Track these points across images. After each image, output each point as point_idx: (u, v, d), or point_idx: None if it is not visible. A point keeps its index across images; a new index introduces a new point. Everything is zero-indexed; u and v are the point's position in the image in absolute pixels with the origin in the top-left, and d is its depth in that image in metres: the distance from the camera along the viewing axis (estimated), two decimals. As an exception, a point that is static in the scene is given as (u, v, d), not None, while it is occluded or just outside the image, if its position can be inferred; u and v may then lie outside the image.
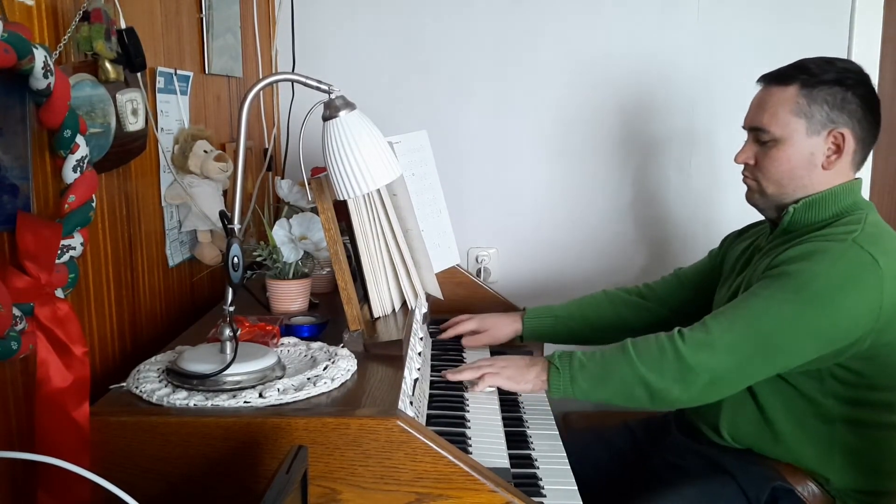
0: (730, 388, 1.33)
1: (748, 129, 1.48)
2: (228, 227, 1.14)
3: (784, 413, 1.38)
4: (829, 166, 1.40)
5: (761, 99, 1.45)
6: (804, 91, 1.39)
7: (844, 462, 1.37)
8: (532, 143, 2.23)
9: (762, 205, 1.49)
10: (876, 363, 1.33)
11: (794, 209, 1.41)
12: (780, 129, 1.40)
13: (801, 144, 1.40)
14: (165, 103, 1.49)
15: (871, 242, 1.31)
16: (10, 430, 0.98)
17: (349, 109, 1.18)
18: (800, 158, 1.40)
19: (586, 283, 2.28)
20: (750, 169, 1.47)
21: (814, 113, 1.39)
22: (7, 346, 0.87)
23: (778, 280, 1.32)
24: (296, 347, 1.32)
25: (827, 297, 1.28)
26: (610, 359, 1.36)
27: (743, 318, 1.30)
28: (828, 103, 1.38)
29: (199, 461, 1.03)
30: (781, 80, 1.42)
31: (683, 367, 1.29)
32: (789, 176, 1.41)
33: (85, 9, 1.12)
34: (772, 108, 1.42)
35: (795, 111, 1.39)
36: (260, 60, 2.05)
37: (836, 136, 1.39)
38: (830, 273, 1.29)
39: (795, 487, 1.37)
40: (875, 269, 1.28)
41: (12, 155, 0.96)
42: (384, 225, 1.46)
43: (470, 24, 2.18)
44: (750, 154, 1.46)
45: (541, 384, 1.41)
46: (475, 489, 1.02)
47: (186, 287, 1.62)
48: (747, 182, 1.50)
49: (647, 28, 2.17)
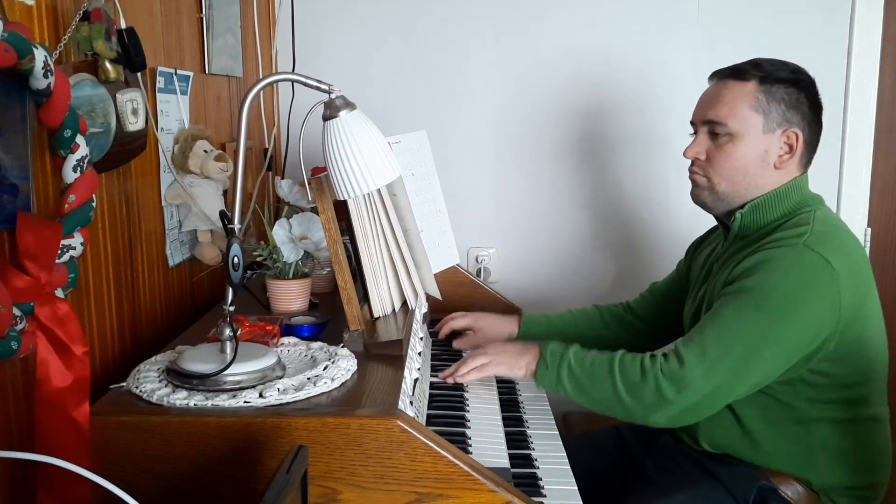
0: (708, 412, 1.32)
1: (701, 123, 1.45)
2: (228, 227, 1.14)
3: (760, 421, 1.38)
4: (781, 166, 1.40)
5: (717, 92, 1.43)
6: (763, 87, 1.38)
7: (827, 461, 1.37)
8: (532, 143, 2.23)
9: (710, 203, 1.47)
10: (845, 362, 1.33)
11: (742, 214, 1.41)
12: (738, 123, 1.39)
13: (756, 141, 1.39)
14: (165, 103, 1.49)
15: (821, 243, 1.30)
16: (10, 430, 0.98)
17: (349, 109, 1.18)
18: (754, 155, 1.39)
19: (587, 283, 2.28)
20: (700, 165, 1.45)
21: (771, 110, 1.38)
22: (7, 346, 0.87)
23: (738, 298, 1.31)
24: (296, 347, 1.32)
25: (788, 307, 1.27)
26: (597, 369, 1.35)
27: (712, 344, 1.29)
28: (784, 102, 1.38)
29: (199, 461, 1.03)
30: (739, 76, 1.41)
31: (661, 397, 1.28)
32: (742, 173, 1.40)
33: (85, 9, 1.12)
34: (730, 101, 1.40)
35: (754, 106, 1.38)
36: (260, 60, 2.05)
37: (790, 135, 1.39)
38: (787, 282, 1.28)
39: (779, 487, 1.37)
40: (829, 270, 1.28)
41: (12, 155, 0.96)
42: (384, 225, 1.46)
43: (470, 24, 2.18)
44: (702, 149, 1.44)
45: (530, 372, 1.42)
46: (475, 489, 1.02)
47: (186, 287, 1.62)
48: (696, 178, 1.47)
49: (648, 28, 2.16)
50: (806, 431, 1.37)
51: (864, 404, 1.37)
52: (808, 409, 1.36)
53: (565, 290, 2.29)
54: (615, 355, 1.35)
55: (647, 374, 1.30)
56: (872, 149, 2.19)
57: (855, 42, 2.14)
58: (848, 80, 2.16)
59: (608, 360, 1.35)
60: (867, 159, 2.19)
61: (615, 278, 2.27)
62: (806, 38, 2.14)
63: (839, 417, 1.36)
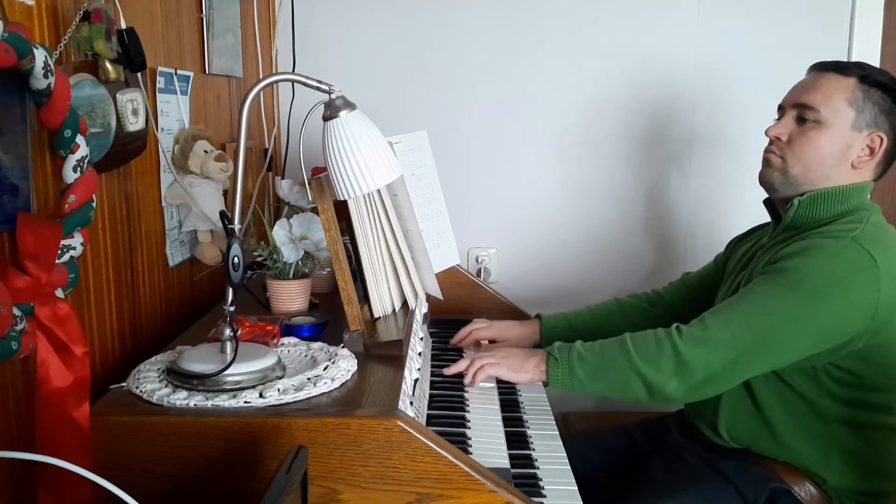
0: (726, 384, 1.33)
1: (790, 107, 1.45)
2: (228, 227, 1.14)
3: (782, 412, 1.38)
4: (858, 165, 1.40)
5: (815, 80, 1.43)
6: (862, 86, 1.39)
7: (842, 462, 1.37)
8: (532, 143, 2.23)
9: (777, 184, 1.45)
10: (871, 364, 1.33)
11: (800, 202, 1.40)
12: (830, 112, 1.39)
13: (842, 134, 1.39)
14: (166, 103, 1.49)
15: (870, 241, 1.31)
16: (10, 430, 0.98)
17: (349, 109, 1.18)
18: (836, 147, 1.39)
19: (587, 283, 2.28)
20: (779, 145, 1.44)
21: (864, 109, 1.38)
22: (7, 346, 0.87)
23: (775, 276, 1.32)
24: (296, 347, 1.32)
25: (823, 294, 1.28)
26: (608, 352, 1.36)
27: (739, 314, 1.31)
28: (878, 105, 1.39)
29: (199, 461, 1.03)
30: (841, 70, 1.42)
31: (679, 362, 1.29)
32: (819, 161, 1.40)
33: (85, 9, 1.12)
34: (827, 90, 1.40)
35: (850, 101, 1.39)
36: (260, 60, 2.05)
37: (875, 138, 1.39)
38: (827, 269, 1.29)
39: (793, 487, 1.37)
40: (872, 267, 1.28)
41: (12, 155, 0.96)
42: (384, 225, 1.46)
43: (470, 24, 2.18)
44: (785, 130, 1.44)
45: (540, 374, 1.41)
46: (475, 489, 1.02)
47: (186, 287, 1.62)
48: (771, 157, 1.45)
49: (648, 29, 2.17)
50: (826, 429, 1.37)
51: (883, 411, 1.37)
52: (829, 406, 1.36)
53: (565, 289, 2.29)
54: (624, 335, 1.36)
55: (662, 342, 1.31)
56: (872, 149, 2.18)
57: (855, 42, 2.14)
58: (848, 81, 2.16)
59: (618, 340, 1.36)
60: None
61: (615, 278, 2.27)
62: (806, 38, 2.14)
63: (860, 420, 1.36)
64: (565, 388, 1.39)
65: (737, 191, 2.21)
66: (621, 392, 1.35)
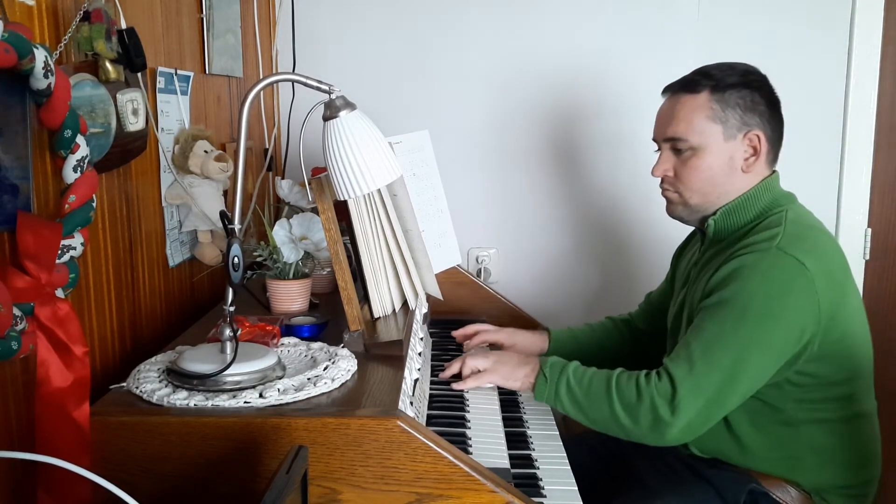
0: (703, 427, 1.31)
1: (662, 141, 1.46)
2: (229, 227, 1.14)
3: (748, 424, 1.38)
4: (748, 169, 1.40)
5: (671, 108, 1.44)
6: (715, 96, 1.39)
7: (815, 462, 1.37)
8: (532, 143, 2.23)
9: (686, 216, 1.48)
10: (829, 361, 1.33)
11: (715, 221, 1.42)
12: (698, 136, 1.39)
13: (719, 150, 1.39)
14: (166, 103, 1.49)
15: (794, 245, 1.31)
16: (10, 430, 0.98)
17: (349, 109, 1.18)
18: (720, 165, 1.40)
19: (586, 284, 2.28)
20: (670, 181, 1.46)
21: (728, 117, 1.39)
22: (7, 346, 0.87)
23: (719, 309, 1.31)
24: (296, 347, 1.32)
25: (769, 313, 1.27)
26: (595, 390, 1.34)
27: (699, 359, 1.28)
28: (739, 106, 1.39)
29: (199, 461, 1.03)
30: (690, 88, 1.42)
31: (657, 418, 1.28)
32: (711, 183, 1.41)
33: (85, 9, 1.12)
34: (686, 116, 1.40)
35: (711, 117, 1.39)
36: (260, 60, 2.05)
37: (752, 137, 1.39)
38: (764, 288, 1.28)
39: (770, 490, 1.37)
40: (804, 272, 1.28)
41: (13, 155, 0.96)
42: (384, 225, 1.46)
43: (471, 24, 2.18)
44: (668, 166, 1.45)
45: (528, 385, 1.42)
46: (475, 489, 1.02)
47: (187, 287, 1.62)
48: (668, 195, 1.48)
49: (648, 29, 2.16)
50: (794, 433, 1.37)
51: (850, 401, 1.38)
52: (795, 410, 1.36)
53: (565, 289, 2.29)
54: (613, 375, 1.35)
55: (643, 395, 1.29)
56: (872, 149, 2.18)
57: (855, 42, 2.14)
58: (848, 81, 2.16)
59: (606, 379, 1.34)
60: (867, 160, 2.19)
61: (615, 278, 2.27)
62: (806, 39, 2.14)
63: (827, 417, 1.36)
64: (549, 404, 1.39)
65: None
66: (600, 428, 1.36)
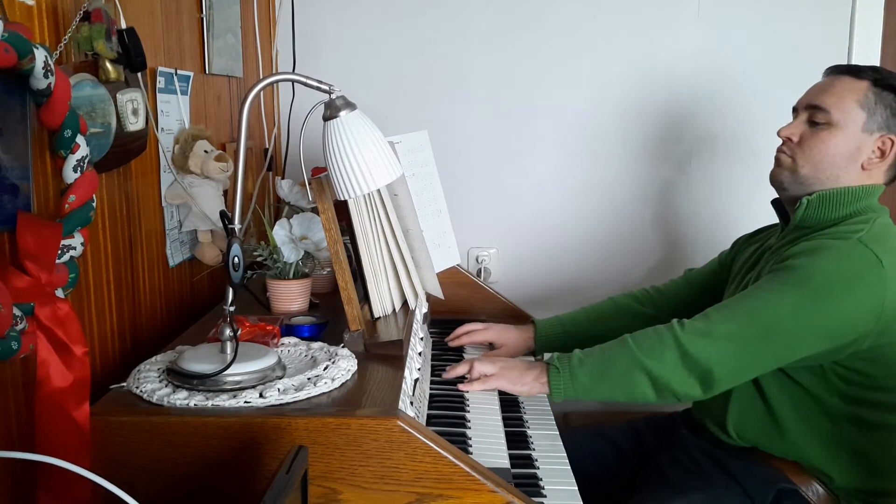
0: (730, 379, 1.32)
1: (803, 108, 1.46)
2: (229, 227, 1.14)
3: (791, 410, 1.39)
4: (868, 167, 1.41)
5: (829, 83, 1.45)
6: (875, 88, 1.40)
7: (849, 461, 1.37)
8: (532, 143, 2.23)
9: (787, 183, 1.46)
10: (878, 364, 1.33)
11: (808, 201, 1.41)
12: (841, 114, 1.40)
13: (852, 136, 1.40)
14: (166, 103, 1.49)
15: (876, 242, 1.32)
16: (10, 430, 0.98)
17: (350, 109, 1.18)
18: (846, 149, 1.40)
19: (587, 283, 2.28)
20: (790, 146, 1.45)
21: (876, 111, 1.39)
22: (7, 346, 0.87)
23: (781, 274, 1.33)
24: (296, 347, 1.32)
25: (828, 293, 1.28)
26: (609, 352, 1.36)
27: (743, 309, 1.31)
28: (891, 108, 1.39)
29: (199, 461, 1.03)
30: (854, 73, 1.43)
31: (683, 352, 1.29)
32: (829, 162, 1.41)
33: (85, 9, 1.12)
34: (839, 92, 1.41)
35: (861, 103, 1.40)
36: (260, 60, 2.05)
37: (886, 141, 1.40)
38: (833, 269, 1.29)
39: (800, 487, 1.37)
40: (878, 268, 1.29)
41: (13, 155, 0.96)
42: (385, 225, 1.46)
43: (471, 24, 2.18)
44: (797, 131, 1.45)
45: (540, 387, 1.41)
46: (475, 489, 1.02)
47: (187, 287, 1.62)
48: (781, 157, 1.47)
49: (647, 29, 2.16)
50: (834, 428, 1.37)
51: (891, 411, 1.37)
52: (837, 405, 1.36)
53: (565, 290, 2.28)
54: (623, 336, 1.37)
55: (664, 334, 1.32)
56: (873, 149, 2.18)
57: (855, 42, 2.14)
58: (848, 81, 2.16)
59: (618, 340, 1.36)
60: None
61: (615, 278, 2.27)
62: (806, 39, 2.14)
63: (867, 419, 1.36)
64: (569, 397, 1.38)
65: (738, 191, 2.21)
66: (627, 392, 1.35)
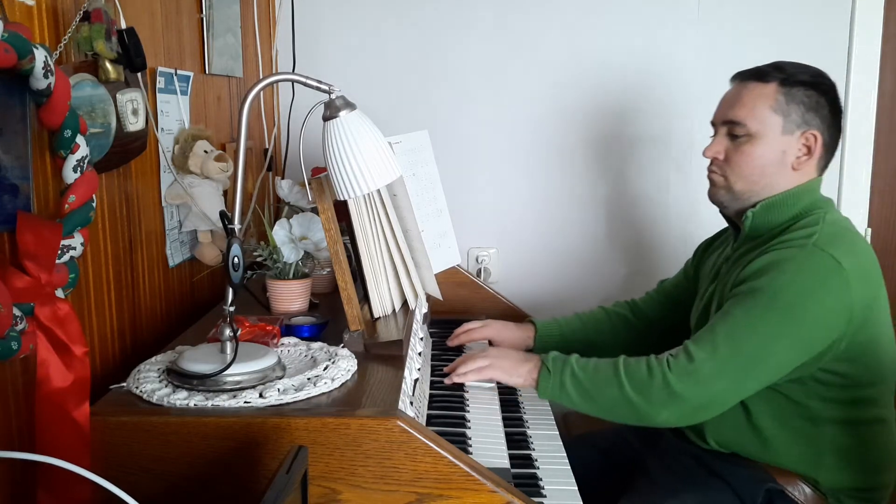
0: (721, 408, 1.32)
1: (720, 124, 1.46)
2: (229, 227, 1.14)
3: (770, 418, 1.38)
4: (798, 167, 1.41)
5: (737, 93, 1.44)
6: (783, 89, 1.39)
7: (835, 462, 1.37)
8: (532, 143, 2.23)
9: (726, 201, 1.47)
10: (856, 362, 1.34)
11: (754, 213, 1.42)
12: (757, 124, 1.40)
13: (774, 142, 1.40)
14: (166, 103, 1.49)
15: (831, 244, 1.31)
16: (10, 430, 0.98)
17: (349, 109, 1.18)
18: (772, 156, 1.40)
19: (587, 283, 2.28)
20: (718, 164, 1.46)
21: (791, 112, 1.39)
22: (7, 346, 0.87)
23: (748, 297, 1.31)
24: (296, 347, 1.32)
25: (798, 307, 1.28)
26: (601, 374, 1.35)
27: (723, 342, 1.29)
28: (804, 104, 1.39)
29: (199, 461, 1.03)
30: (760, 77, 1.42)
31: (670, 393, 1.29)
32: (760, 173, 1.41)
33: (85, 9, 1.12)
34: (750, 102, 1.41)
35: (774, 108, 1.39)
36: (260, 60, 2.05)
37: (809, 137, 1.40)
38: (797, 281, 1.29)
39: (786, 488, 1.37)
40: (839, 271, 1.29)
41: (12, 155, 0.96)
42: (384, 225, 1.46)
43: (470, 24, 2.18)
44: (721, 148, 1.45)
45: (532, 381, 1.41)
46: (475, 489, 1.02)
47: (187, 287, 1.62)
48: (713, 178, 1.48)
49: (648, 29, 2.16)
50: (816, 431, 1.37)
51: (872, 405, 1.38)
52: (819, 408, 1.36)
53: (565, 290, 2.28)
54: (618, 359, 1.35)
55: (654, 371, 1.30)
56: (873, 149, 2.18)
57: (855, 42, 2.14)
58: (848, 81, 2.16)
59: (612, 363, 1.35)
60: (867, 160, 2.19)
61: (615, 278, 2.27)
62: (806, 38, 2.14)
63: (849, 418, 1.36)
64: (554, 399, 1.39)
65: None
66: (609, 415, 1.36)
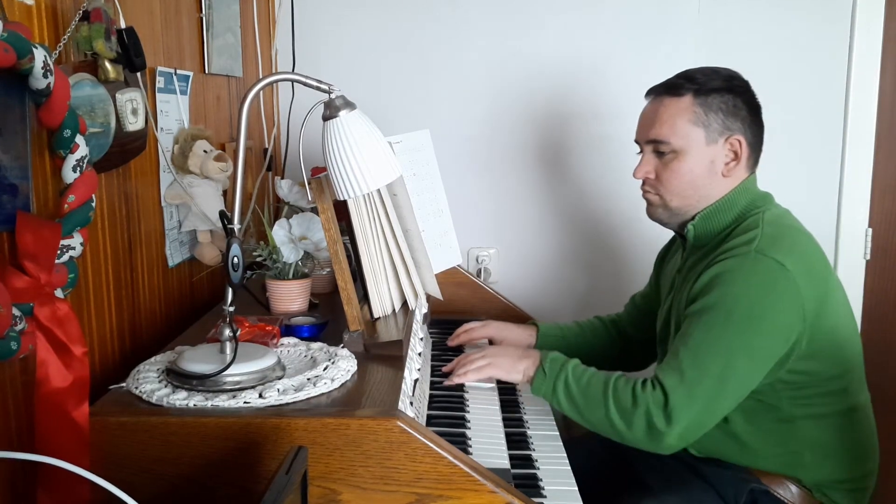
0: (702, 431, 1.31)
1: (644, 143, 1.46)
2: (228, 227, 1.14)
3: (745, 423, 1.38)
4: (729, 173, 1.41)
5: (654, 110, 1.44)
6: (699, 100, 1.40)
7: (814, 458, 1.37)
8: (533, 143, 2.23)
9: (666, 219, 1.48)
10: (819, 358, 1.34)
11: (694, 226, 1.43)
12: (680, 140, 1.40)
13: (701, 154, 1.40)
14: (165, 103, 1.49)
15: (772, 247, 1.31)
16: (10, 430, 0.98)
17: (349, 109, 1.18)
18: (701, 168, 1.41)
19: (587, 284, 2.28)
20: (651, 183, 1.46)
21: (711, 121, 1.39)
22: (7, 346, 0.87)
23: (703, 316, 1.31)
24: (296, 348, 1.32)
25: (755, 317, 1.28)
26: (591, 393, 1.34)
27: (688, 367, 1.29)
28: (722, 111, 1.39)
29: (199, 461, 1.03)
30: (674, 91, 1.42)
31: (652, 428, 1.28)
32: (691, 186, 1.42)
33: (85, 8, 1.12)
34: (669, 119, 1.41)
35: (693, 121, 1.40)
36: (260, 60, 2.05)
37: (734, 142, 1.40)
38: (747, 292, 1.29)
39: (771, 487, 1.37)
40: (784, 273, 1.29)
41: (12, 155, 0.96)
42: (384, 225, 1.46)
43: (470, 24, 2.18)
44: (650, 168, 1.45)
45: (527, 378, 1.42)
46: (475, 490, 1.02)
47: (186, 287, 1.62)
48: (649, 197, 1.49)
49: (648, 28, 2.16)
50: (791, 430, 1.37)
51: (845, 395, 1.38)
52: (791, 407, 1.36)
53: (565, 290, 2.29)
54: (611, 378, 1.34)
55: (639, 402, 1.29)
56: (873, 149, 2.18)
57: (856, 41, 2.14)
58: (849, 80, 2.16)
59: (604, 382, 1.34)
60: (868, 159, 2.19)
61: (615, 278, 2.27)
62: (806, 38, 2.14)
63: (823, 412, 1.37)
64: (546, 399, 1.40)
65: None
66: (594, 430, 1.36)
